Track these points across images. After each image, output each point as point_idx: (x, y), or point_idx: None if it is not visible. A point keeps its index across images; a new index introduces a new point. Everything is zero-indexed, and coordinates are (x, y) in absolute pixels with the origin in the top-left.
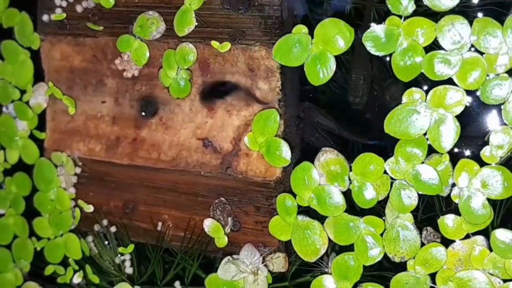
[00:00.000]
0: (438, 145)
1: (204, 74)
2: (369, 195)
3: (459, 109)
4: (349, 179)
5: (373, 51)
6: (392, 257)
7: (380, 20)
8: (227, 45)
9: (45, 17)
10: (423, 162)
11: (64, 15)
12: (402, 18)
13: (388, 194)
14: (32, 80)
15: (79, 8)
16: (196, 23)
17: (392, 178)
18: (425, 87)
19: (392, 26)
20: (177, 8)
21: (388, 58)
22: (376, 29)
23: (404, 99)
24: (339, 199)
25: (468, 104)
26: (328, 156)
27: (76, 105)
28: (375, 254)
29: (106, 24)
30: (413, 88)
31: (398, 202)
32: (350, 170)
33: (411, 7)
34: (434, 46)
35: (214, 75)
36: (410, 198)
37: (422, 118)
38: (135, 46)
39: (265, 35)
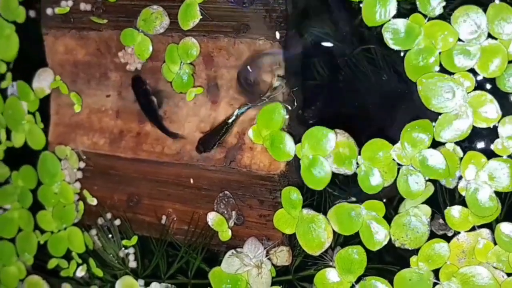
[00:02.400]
0: None
1: (208, 68)
2: (375, 181)
3: None
4: (357, 163)
5: (390, 44)
6: (393, 240)
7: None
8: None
9: (49, 11)
10: (429, 147)
11: (68, 8)
12: (427, 18)
13: (395, 180)
14: (16, 54)
15: (83, 4)
16: (201, 17)
17: (399, 164)
18: None
19: (414, 24)
20: (181, 2)
21: (402, 54)
22: (398, 22)
23: None
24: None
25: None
26: (339, 138)
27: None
28: (381, 238)
29: (110, 17)
30: None
31: (406, 188)
32: (359, 154)
33: (439, 10)
34: None
35: (218, 68)
36: (418, 184)
37: None
38: (138, 40)
39: (270, 29)
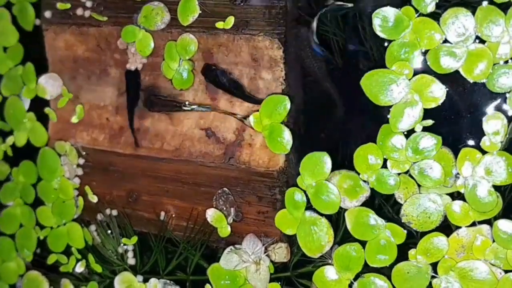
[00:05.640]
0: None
1: None
2: (391, 181)
3: None
4: (364, 181)
5: (377, 30)
6: (402, 214)
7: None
8: (231, 20)
9: (49, 7)
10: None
11: (69, 5)
12: (418, 13)
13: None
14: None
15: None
16: (200, 12)
17: (407, 173)
18: None
19: (405, 16)
20: None
21: (386, 44)
22: (389, 10)
23: None
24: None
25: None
26: (336, 178)
27: (80, 96)
28: (384, 259)
29: (110, 13)
30: None
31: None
32: (358, 174)
33: (431, 7)
34: None
35: (218, 65)
36: (433, 169)
37: None
38: (139, 37)
39: (269, 25)
